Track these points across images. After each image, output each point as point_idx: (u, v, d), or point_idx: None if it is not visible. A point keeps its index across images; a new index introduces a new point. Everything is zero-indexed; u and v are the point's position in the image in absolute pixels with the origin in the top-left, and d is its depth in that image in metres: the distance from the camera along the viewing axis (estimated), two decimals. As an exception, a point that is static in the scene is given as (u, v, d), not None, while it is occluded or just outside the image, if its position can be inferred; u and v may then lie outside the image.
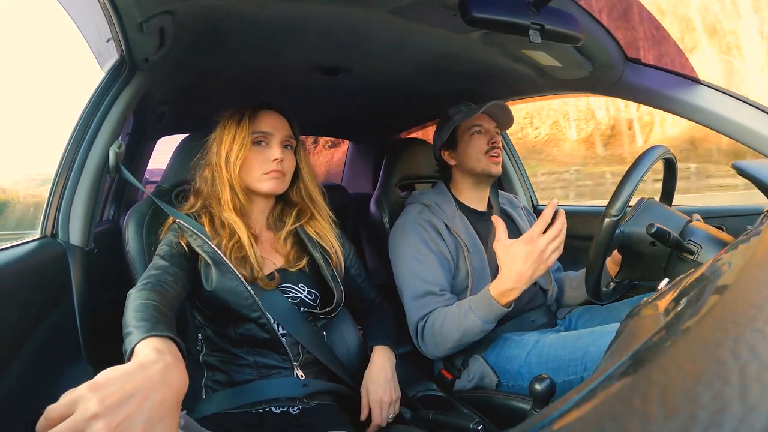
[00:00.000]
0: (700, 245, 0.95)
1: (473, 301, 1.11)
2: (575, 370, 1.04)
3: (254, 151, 1.06)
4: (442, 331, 1.14)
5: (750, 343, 0.22)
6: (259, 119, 1.07)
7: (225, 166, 1.04)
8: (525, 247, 1.03)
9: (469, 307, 1.11)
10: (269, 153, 1.06)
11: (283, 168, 1.06)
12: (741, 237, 0.66)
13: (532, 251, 1.02)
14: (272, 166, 1.05)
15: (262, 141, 1.07)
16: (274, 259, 1.08)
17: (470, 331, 1.10)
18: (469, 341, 1.13)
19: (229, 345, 1.01)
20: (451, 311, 1.14)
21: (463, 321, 1.10)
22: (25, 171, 2.16)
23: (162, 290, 0.83)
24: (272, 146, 1.06)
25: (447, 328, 1.13)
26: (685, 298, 0.39)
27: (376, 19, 1.05)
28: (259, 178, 1.05)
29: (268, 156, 1.05)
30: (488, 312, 1.08)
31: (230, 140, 1.05)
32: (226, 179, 1.04)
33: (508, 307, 1.07)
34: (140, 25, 0.89)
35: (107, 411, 0.50)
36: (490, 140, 1.36)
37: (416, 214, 1.34)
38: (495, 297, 1.07)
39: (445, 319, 1.15)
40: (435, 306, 1.20)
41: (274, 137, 1.07)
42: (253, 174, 1.06)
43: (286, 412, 0.98)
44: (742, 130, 1.10)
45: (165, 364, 0.59)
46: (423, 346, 1.22)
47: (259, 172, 1.05)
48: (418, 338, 1.21)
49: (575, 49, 1.18)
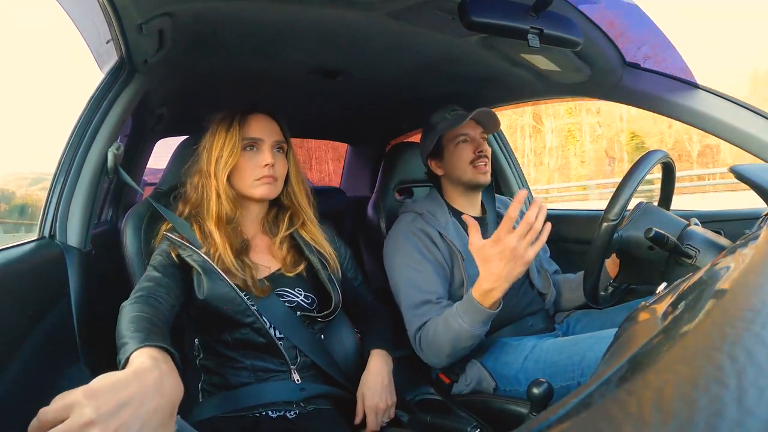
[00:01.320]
0: (698, 249, 0.95)
1: (459, 306, 1.08)
2: (572, 376, 1.04)
3: (245, 157, 1.05)
4: (436, 339, 1.13)
5: (747, 347, 0.22)
6: (249, 124, 1.06)
7: (214, 173, 1.03)
8: (494, 248, 0.98)
9: (456, 312, 1.08)
10: (260, 158, 1.05)
11: (275, 173, 1.06)
12: (739, 241, 0.66)
13: (503, 251, 0.97)
14: (264, 171, 1.04)
15: (253, 146, 1.06)
16: (270, 263, 1.08)
17: (460, 336, 1.07)
18: (464, 348, 1.10)
19: (226, 349, 1.01)
20: (442, 318, 1.12)
21: (451, 326, 1.08)
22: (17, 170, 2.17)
23: (155, 303, 0.84)
24: (263, 151, 1.05)
25: (439, 335, 1.12)
26: (683, 302, 0.39)
27: (375, 22, 1.05)
28: (251, 184, 1.05)
29: (259, 162, 1.04)
30: (474, 315, 1.05)
31: (220, 146, 1.04)
32: (214, 188, 1.03)
33: (493, 309, 1.04)
34: (139, 26, 0.89)
35: (102, 418, 0.50)
36: (476, 149, 1.33)
37: (409, 222, 1.33)
38: (477, 299, 1.03)
39: (437, 326, 1.13)
40: (432, 314, 1.19)
41: (265, 142, 1.06)
42: (245, 180, 1.05)
43: (282, 417, 0.98)
44: (740, 135, 1.10)
45: (160, 372, 0.59)
46: (423, 356, 1.20)
47: (250, 178, 1.04)
48: (418, 348, 1.20)
49: (574, 54, 1.18)
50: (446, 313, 1.12)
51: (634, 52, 1.20)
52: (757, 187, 0.91)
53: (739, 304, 0.28)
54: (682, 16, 46.15)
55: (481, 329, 1.07)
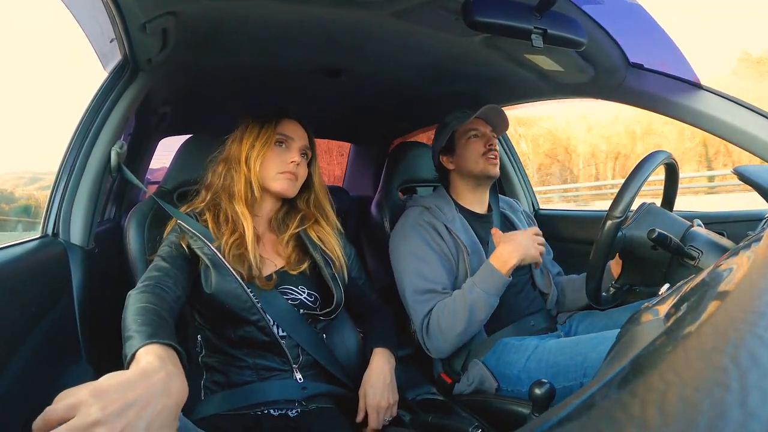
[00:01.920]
0: (701, 251, 0.94)
1: (476, 276, 1.19)
2: (575, 376, 1.03)
3: (274, 151, 1.09)
4: (448, 318, 1.17)
5: (750, 349, 0.22)
6: (283, 124, 1.12)
7: (245, 161, 1.08)
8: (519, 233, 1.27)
9: (472, 283, 1.17)
10: (288, 155, 1.10)
11: (297, 172, 1.10)
12: (742, 243, 0.66)
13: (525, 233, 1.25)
14: (289, 167, 1.08)
15: (284, 143, 1.11)
16: (275, 260, 1.08)
17: (475, 306, 1.15)
18: (478, 321, 1.17)
19: (229, 347, 1.01)
20: (455, 294, 1.19)
21: (467, 297, 1.15)
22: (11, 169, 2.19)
23: (162, 293, 0.83)
24: (292, 150, 1.11)
25: (453, 311, 1.16)
26: (686, 303, 0.39)
27: (378, 21, 1.05)
28: (275, 176, 1.08)
29: (287, 158, 1.09)
30: (491, 282, 1.16)
31: (253, 137, 1.09)
32: (244, 174, 1.07)
33: (507, 276, 1.17)
34: (143, 26, 0.89)
35: (108, 418, 0.50)
36: (486, 143, 1.37)
37: (417, 215, 1.35)
38: (495, 265, 1.17)
39: (447, 305, 1.18)
40: (436, 301, 1.21)
41: (295, 142, 1.11)
42: (269, 171, 1.08)
43: (284, 415, 0.98)
44: (743, 136, 1.10)
45: (167, 373, 0.59)
46: (429, 343, 1.22)
47: (275, 170, 1.08)
48: (424, 335, 1.22)
49: (577, 54, 1.18)
50: (459, 291, 1.19)
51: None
52: (760, 189, 0.90)
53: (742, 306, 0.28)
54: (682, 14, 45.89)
55: (495, 299, 1.18)
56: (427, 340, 1.22)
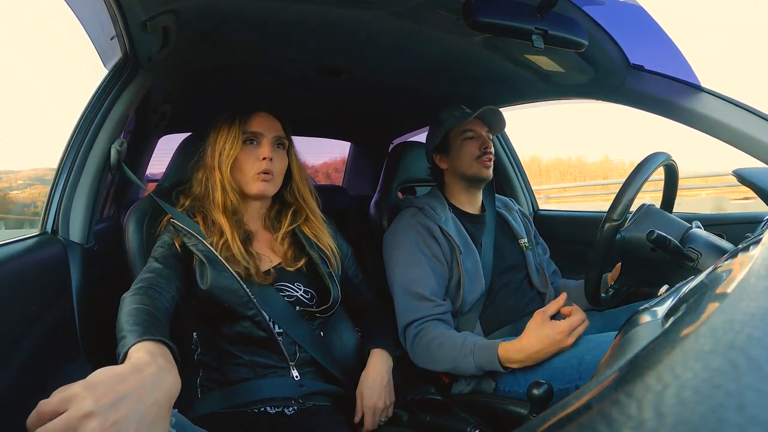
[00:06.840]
0: (700, 252, 0.94)
1: (477, 347, 1.12)
2: (570, 379, 1.03)
3: (245, 151, 1.07)
4: (439, 352, 1.15)
5: (748, 351, 0.22)
6: (251, 120, 1.09)
7: (218, 167, 1.06)
8: (556, 335, 1.05)
9: (472, 351, 1.11)
10: (259, 152, 1.07)
11: (272, 168, 1.07)
12: (741, 245, 0.66)
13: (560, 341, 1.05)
14: (262, 165, 1.06)
15: (253, 140, 1.08)
16: (271, 257, 1.08)
17: (461, 369, 1.13)
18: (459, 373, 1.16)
19: (225, 344, 1.01)
20: (453, 340, 1.15)
21: (458, 358, 1.12)
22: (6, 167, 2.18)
23: (155, 294, 0.84)
24: (262, 145, 1.08)
25: (444, 353, 1.15)
26: (685, 305, 0.39)
27: (379, 21, 1.05)
28: (252, 177, 1.07)
29: (258, 154, 1.07)
30: (487, 363, 1.10)
31: (222, 140, 1.07)
32: (218, 180, 1.06)
33: (505, 369, 1.09)
34: (144, 23, 0.89)
35: (101, 410, 0.50)
36: (481, 145, 1.36)
37: (410, 217, 1.34)
38: (501, 356, 1.08)
39: (443, 344, 1.15)
40: (427, 313, 1.20)
41: (265, 137, 1.09)
42: (245, 174, 1.07)
43: (281, 413, 0.98)
44: (743, 138, 1.10)
45: (158, 366, 0.60)
46: (411, 354, 1.22)
47: (250, 172, 1.06)
48: (406, 344, 1.22)
49: (578, 55, 1.18)
50: (460, 338, 1.14)
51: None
52: (760, 191, 0.90)
53: (741, 308, 0.28)
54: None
55: (481, 373, 1.13)
56: (410, 349, 1.22)
